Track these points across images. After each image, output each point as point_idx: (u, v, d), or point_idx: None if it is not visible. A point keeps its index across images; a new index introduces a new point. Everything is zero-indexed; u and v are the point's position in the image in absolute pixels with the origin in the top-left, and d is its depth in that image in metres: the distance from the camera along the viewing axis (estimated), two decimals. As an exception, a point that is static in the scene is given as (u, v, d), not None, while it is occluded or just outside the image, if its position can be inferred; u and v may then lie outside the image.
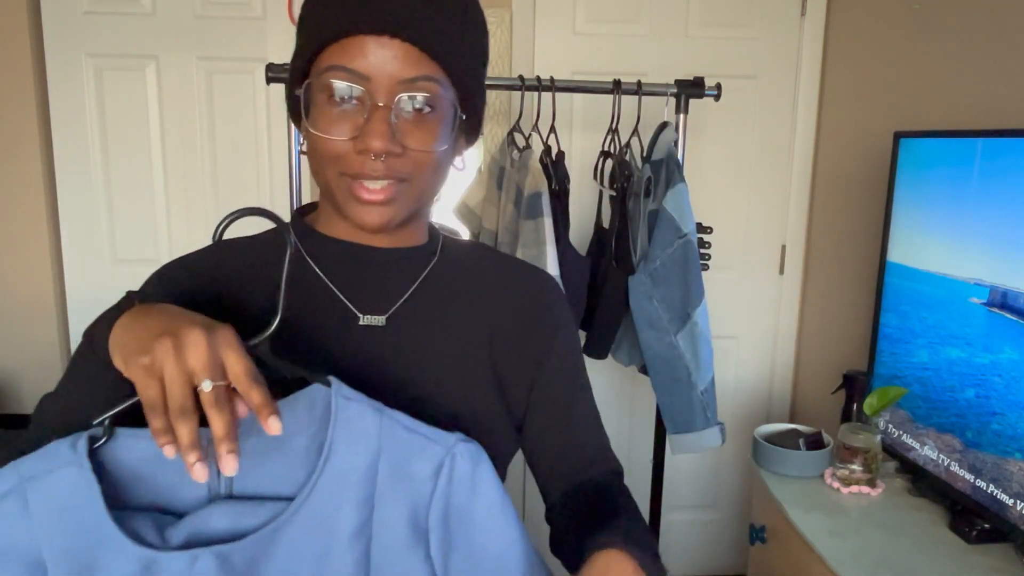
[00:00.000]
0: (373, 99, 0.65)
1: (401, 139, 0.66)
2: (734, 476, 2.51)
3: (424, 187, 0.70)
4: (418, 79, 0.66)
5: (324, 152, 0.67)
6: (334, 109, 0.66)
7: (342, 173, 0.67)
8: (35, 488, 0.54)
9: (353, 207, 0.68)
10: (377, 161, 0.65)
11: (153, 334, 0.54)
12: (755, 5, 2.24)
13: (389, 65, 0.65)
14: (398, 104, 0.65)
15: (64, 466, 0.54)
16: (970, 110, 1.71)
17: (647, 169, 1.70)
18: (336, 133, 0.66)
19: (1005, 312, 1.36)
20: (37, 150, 2.11)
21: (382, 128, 0.64)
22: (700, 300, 1.67)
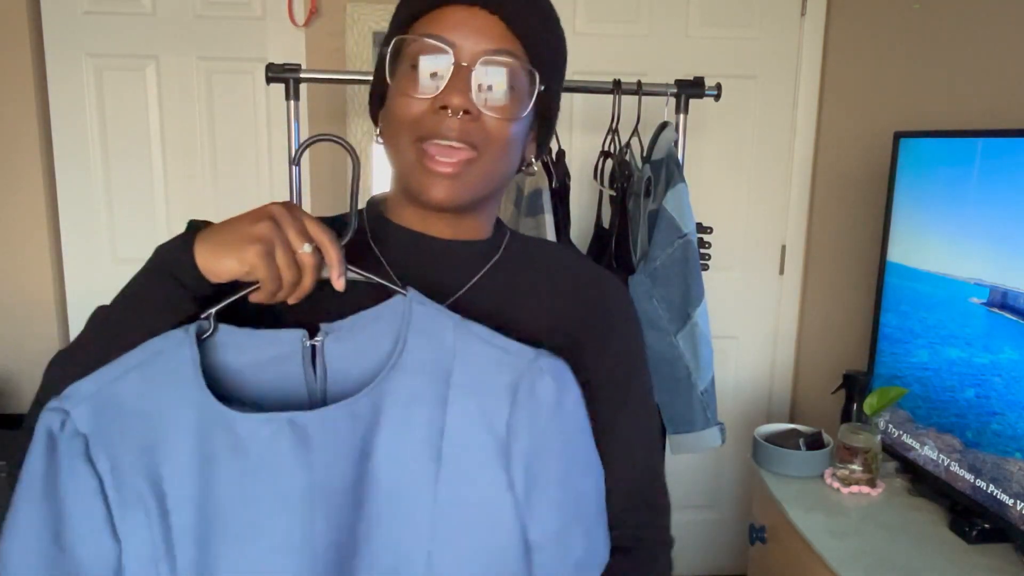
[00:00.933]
0: (457, 61, 0.68)
1: (478, 103, 0.68)
2: (734, 476, 2.51)
3: (491, 166, 0.71)
4: (501, 51, 0.69)
5: (402, 115, 0.69)
6: (417, 75, 0.69)
7: (417, 138, 0.69)
8: (154, 366, 0.62)
9: (422, 178, 0.69)
10: (453, 119, 0.67)
11: (247, 228, 0.61)
12: (755, 5, 2.24)
13: (475, 35, 0.68)
14: (480, 71, 0.68)
15: (176, 346, 0.62)
16: (970, 110, 1.71)
17: (647, 169, 1.69)
18: (418, 94, 0.69)
19: (1005, 312, 1.36)
20: (37, 150, 2.11)
21: (462, 85, 0.67)
22: (700, 300, 1.67)
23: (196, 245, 0.63)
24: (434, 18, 0.69)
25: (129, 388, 0.62)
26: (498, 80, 0.69)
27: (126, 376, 0.62)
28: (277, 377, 0.65)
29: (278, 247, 0.61)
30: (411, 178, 0.71)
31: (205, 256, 0.62)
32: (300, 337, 0.64)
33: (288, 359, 0.65)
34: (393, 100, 0.71)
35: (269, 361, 0.65)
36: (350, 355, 0.66)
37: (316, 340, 0.65)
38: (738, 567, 2.53)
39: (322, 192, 2.23)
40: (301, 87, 1.72)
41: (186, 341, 0.62)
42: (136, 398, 0.62)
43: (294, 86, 1.62)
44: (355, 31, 2.14)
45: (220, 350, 0.64)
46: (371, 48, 2.16)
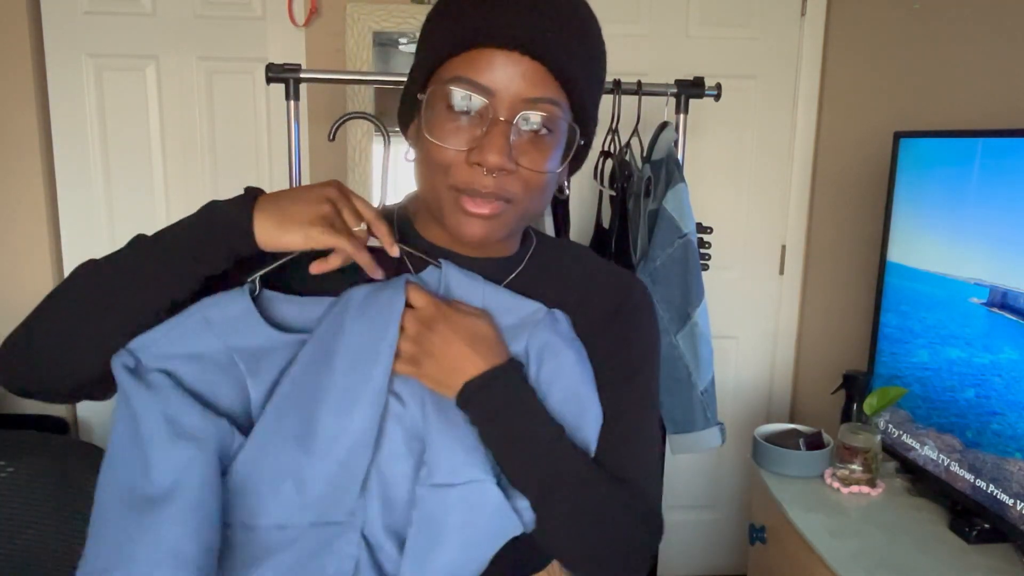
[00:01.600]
0: (495, 113, 0.65)
1: (516, 157, 0.66)
2: (734, 476, 2.51)
3: (528, 209, 0.71)
4: (542, 100, 0.66)
5: (436, 161, 0.68)
6: (453, 119, 0.66)
7: (451, 186, 0.68)
8: (212, 311, 0.69)
9: (457, 218, 0.69)
10: (488, 177, 0.66)
11: (312, 207, 0.66)
12: (755, 5, 2.24)
13: (516, 82, 0.65)
14: (519, 122, 0.66)
15: (231, 298, 0.69)
16: (970, 110, 1.71)
17: (647, 169, 1.70)
18: (452, 143, 0.66)
19: (1005, 312, 1.36)
20: (37, 150, 2.11)
21: (500, 143, 0.65)
22: (700, 300, 1.67)
23: (256, 214, 0.66)
24: (472, 60, 0.65)
25: (191, 335, 0.68)
26: (536, 129, 0.67)
27: (185, 323, 0.68)
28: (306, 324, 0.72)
29: (340, 221, 0.67)
30: (446, 217, 0.70)
31: (266, 227, 0.66)
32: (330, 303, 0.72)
33: None
34: (427, 142, 0.68)
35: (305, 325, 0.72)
36: None
37: None
38: (738, 567, 2.53)
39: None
40: (301, 87, 1.72)
41: (241, 295, 0.69)
42: (201, 342, 0.68)
43: (294, 86, 1.62)
44: (355, 31, 2.14)
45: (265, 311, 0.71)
46: (371, 48, 2.16)
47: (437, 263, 0.74)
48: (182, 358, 0.68)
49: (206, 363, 0.68)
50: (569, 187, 0.82)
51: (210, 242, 0.67)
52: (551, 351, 0.75)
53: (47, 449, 1.29)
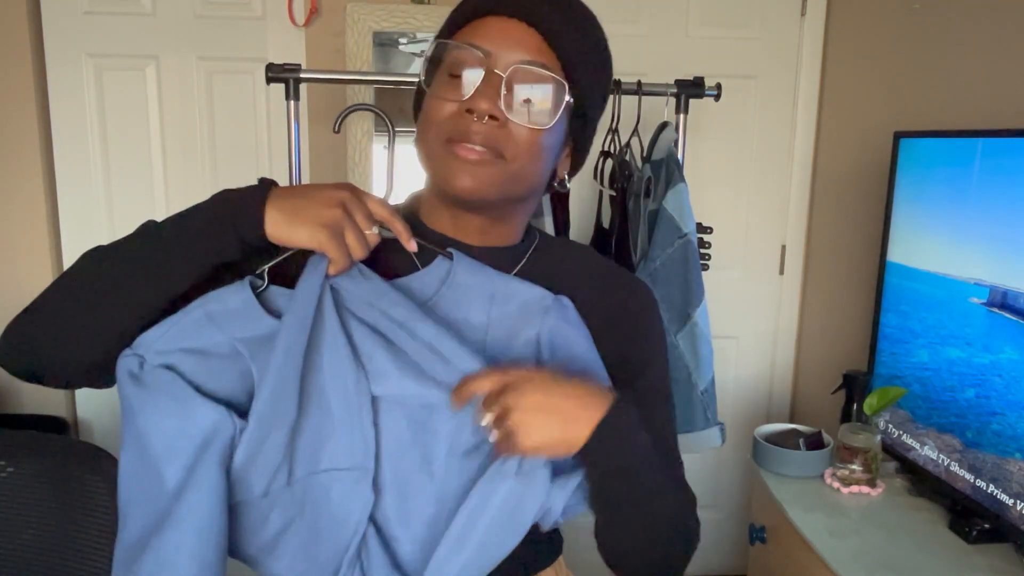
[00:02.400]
0: (489, 68, 0.69)
1: (506, 111, 0.70)
2: (734, 476, 2.51)
3: (519, 170, 0.72)
4: (535, 62, 0.70)
5: (433, 117, 0.72)
6: (453, 80, 0.71)
7: (445, 139, 0.71)
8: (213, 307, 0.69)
9: (449, 167, 0.71)
10: (479, 123, 0.69)
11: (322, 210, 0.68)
12: (755, 5, 2.24)
13: (511, 45, 0.70)
14: (511, 80, 0.70)
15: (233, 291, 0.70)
16: (970, 110, 1.71)
17: (647, 169, 1.70)
18: (450, 95, 0.71)
19: (1005, 312, 1.36)
20: (37, 150, 2.11)
21: (490, 91, 0.69)
22: (700, 300, 1.67)
23: (268, 207, 0.67)
24: (475, 28, 0.72)
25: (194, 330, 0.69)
26: (528, 89, 0.70)
27: (186, 318, 0.69)
28: None
29: (348, 230, 0.68)
30: (439, 170, 0.72)
31: (276, 221, 0.67)
32: None
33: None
34: (427, 102, 0.73)
35: None
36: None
37: None
38: (738, 567, 2.53)
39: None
40: (301, 87, 1.72)
41: (242, 288, 0.70)
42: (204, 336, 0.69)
43: (294, 86, 1.62)
44: (355, 31, 2.14)
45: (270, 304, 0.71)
46: (371, 48, 2.16)
47: (448, 253, 0.76)
48: (184, 352, 0.68)
49: (210, 356, 0.69)
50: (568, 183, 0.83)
51: (220, 229, 0.68)
52: (563, 338, 0.76)
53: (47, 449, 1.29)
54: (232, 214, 0.68)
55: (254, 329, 0.70)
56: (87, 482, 1.24)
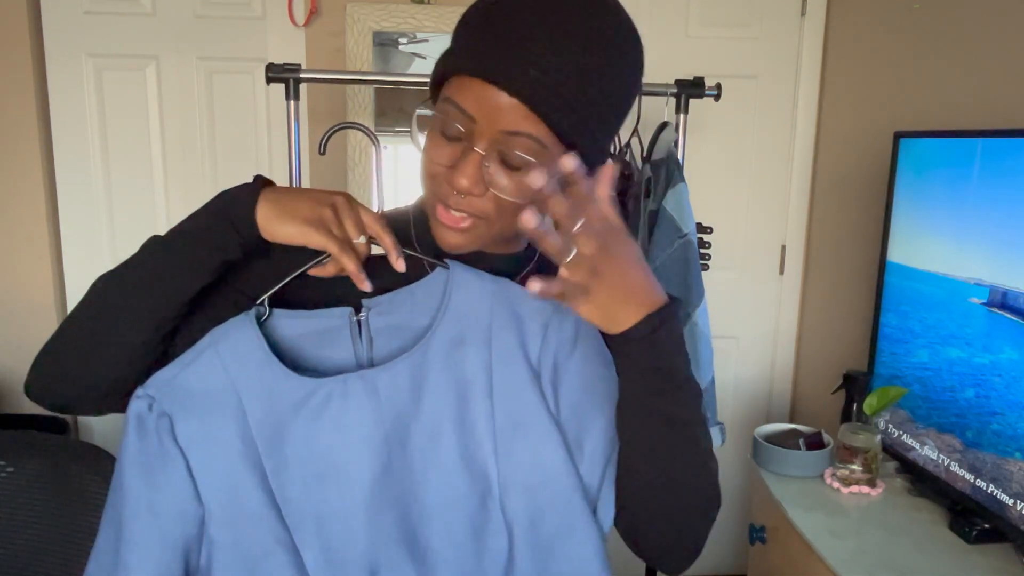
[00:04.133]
0: (472, 141, 0.67)
1: (489, 182, 0.68)
2: (734, 476, 2.51)
3: (503, 229, 0.72)
4: (520, 134, 0.66)
5: (424, 169, 0.72)
6: (442, 136, 0.69)
7: (433, 194, 0.72)
8: (224, 344, 0.70)
9: (435, 225, 0.73)
10: (459, 196, 0.69)
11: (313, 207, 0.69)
12: (755, 5, 2.24)
13: (495, 114, 0.65)
14: (492, 152, 0.67)
15: (240, 327, 0.71)
16: (970, 110, 1.71)
17: (647, 169, 1.70)
18: (436, 158, 0.70)
19: (1005, 312, 1.36)
20: (37, 150, 2.11)
21: (470, 171, 0.67)
22: (700, 300, 1.67)
23: (260, 202, 0.69)
24: (466, 86, 0.66)
25: (203, 370, 0.70)
26: (511, 162, 0.67)
27: (199, 359, 0.70)
28: (329, 351, 0.73)
29: (337, 228, 0.70)
30: (429, 215, 0.73)
31: (268, 216, 0.69)
32: (347, 313, 0.73)
33: (338, 333, 0.73)
34: (424, 149, 0.72)
35: (320, 336, 0.73)
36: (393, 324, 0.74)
37: (360, 316, 0.74)
38: (738, 567, 2.53)
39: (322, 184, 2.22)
40: (301, 87, 1.72)
41: (248, 323, 0.71)
42: (211, 378, 0.70)
43: (294, 86, 1.62)
44: (355, 31, 2.14)
45: (276, 331, 0.73)
46: (371, 48, 2.16)
47: (444, 263, 0.75)
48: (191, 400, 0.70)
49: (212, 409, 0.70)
50: None
51: (218, 225, 0.70)
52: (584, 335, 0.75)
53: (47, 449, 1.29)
54: (227, 209, 0.70)
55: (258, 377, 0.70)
56: (87, 482, 1.24)
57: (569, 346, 0.75)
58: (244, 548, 0.69)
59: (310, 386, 0.70)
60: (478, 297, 0.74)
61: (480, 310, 0.74)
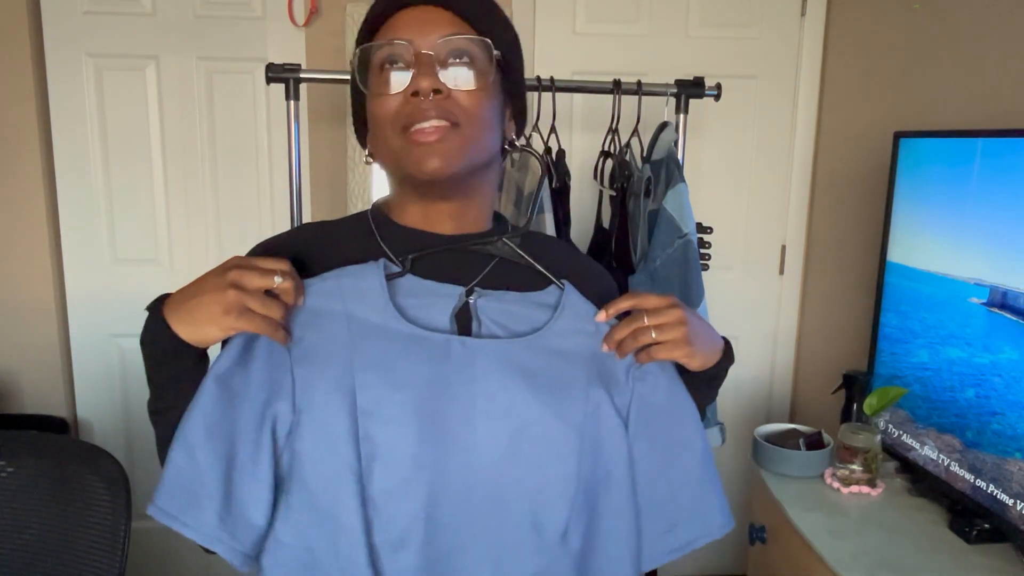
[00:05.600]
0: (417, 50, 0.73)
1: (446, 81, 0.74)
2: (734, 476, 2.51)
3: (474, 134, 0.75)
4: (456, 35, 0.75)
5: (383, 114, 0.75)
6: (387, 75, 0.75)
7: (401, 129, 0.74)
8: (347, 278, 0.75)
9: (412, 154, 0.74)
10: (427, 100, 0.72)
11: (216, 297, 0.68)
12: (755, 5, 2.24)
13: (428, 26, 0.74)
14: (440, 53, 0.74)
15: (368, 270, 0.76)
16: (970, 110, 1.71)
17: (647, 169, 1.70)
18: (391, 90, 0.75)
19: (1005, 312, 1.36)
20: (37, 150, 2.11)
21: (427, 70, 0.73)
22: (700, 300, 1.67)
23: (171, 322, 0.69)
24: (390, 26, 0.76)
25: (322, 295, 0.74)
26: (458, 57, 0.75)
27: (321, 283, 0.74)
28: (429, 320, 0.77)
29: (250, 301, 0.68)
30: (403, 163, 0.75)
31: (185, 331, 0.69)
32: (460, 293, 0.78)
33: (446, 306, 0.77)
34: (372, 104, 0.77)
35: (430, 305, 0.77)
36: (501, 316, 0.78)
37: (471, 299, 0.78)
38: (738, 567, 2.53)
39: (322, 193, 2.23)
40: (301, 87, 1.72)
41: (378, 271, 0.75)
42: (328, 302, 0.74)
43: (294, 86, 1.62)
44: (355, 31, 2.14)
45: (397, 287, 0.76)
46: (371, 48, 2.16)
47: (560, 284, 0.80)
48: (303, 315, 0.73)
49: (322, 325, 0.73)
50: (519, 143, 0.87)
51: (162, 356, 0.71)
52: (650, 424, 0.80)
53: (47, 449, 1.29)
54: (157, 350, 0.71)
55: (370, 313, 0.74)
56: (87, 482, 1.24)
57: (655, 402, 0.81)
58: (320, 470, 0.70)
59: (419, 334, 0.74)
60: (585, 322, 0.79)
61: (586, 332, 0.79)
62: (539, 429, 0.74)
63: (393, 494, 0.71)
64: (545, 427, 0.74)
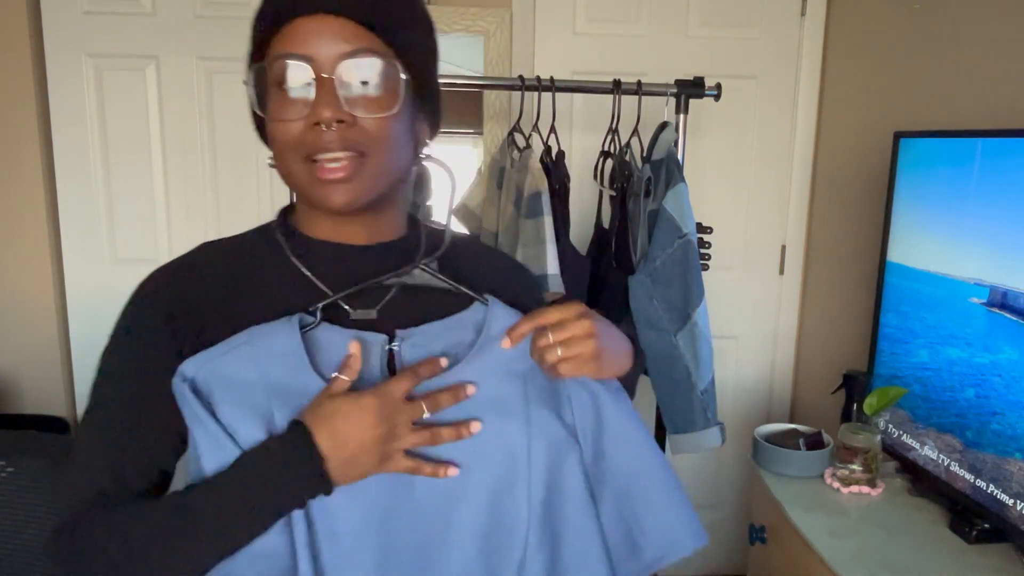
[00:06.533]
0: (317, 73, 0.67)
1: (351, 110, 0.68)
2: (734, 476, 2.51)
3: (383, 162, 0.71)
4: (359, 51, 0.67)
5: (283, 140, 0.70)
6: (286, 96, 0.68)
7: (304, 158, 0.69)
8: (260, 341, 0.69)
9: (318, 190, 0.69)
10: (330, 131, 0.67)
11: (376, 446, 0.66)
12: (755, 5, 2.24)
13: (329, 42, 0.67)
14: (343, 77, 0.67)
15: (281, 328, 0.70)
16: (970, 110, 1.71)
17: (647, 169, 1.70)
18: (291, 115, 0.68)
19: (1005, 312, 1.36)
20: (37, 150, 2.11)
21: (329, 98, 0.66)
22: (700, 300, 1.67)
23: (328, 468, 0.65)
24: (284, 35, 0.68)
25: (238, 363, 0.68)
26: (363, 80, 0.68)
27: (235, 351, 0.68)
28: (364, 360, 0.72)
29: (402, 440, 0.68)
30: (310, 193, 0.71)
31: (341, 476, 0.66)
32: (382, 341, 0.73)
33: (369, 357, 0.72)
34: (271, 127, 0.71)
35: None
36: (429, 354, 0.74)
37: (394, 344, 0.74)
38: (738, 567, 2.53)
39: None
40: (301, 87, 1.71)
41: (292, 329, 0.70)
42: (243, 371, 0.68)
43: (294, 86, 1.62)
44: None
45: (314, 342, 0.71)
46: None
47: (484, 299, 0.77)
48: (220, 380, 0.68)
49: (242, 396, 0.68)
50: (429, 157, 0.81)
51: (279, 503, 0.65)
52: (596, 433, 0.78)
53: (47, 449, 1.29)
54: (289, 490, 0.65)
55: (290, 378, 0.69)
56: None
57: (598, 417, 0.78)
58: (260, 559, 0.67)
59: None
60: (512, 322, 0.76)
61: (516, 349, 0.75)
62: (482, 464, 0.71)
63: (341, 567, 0.67)
64: (487, 461, 0.71)
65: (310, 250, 0.77)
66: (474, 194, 1.91)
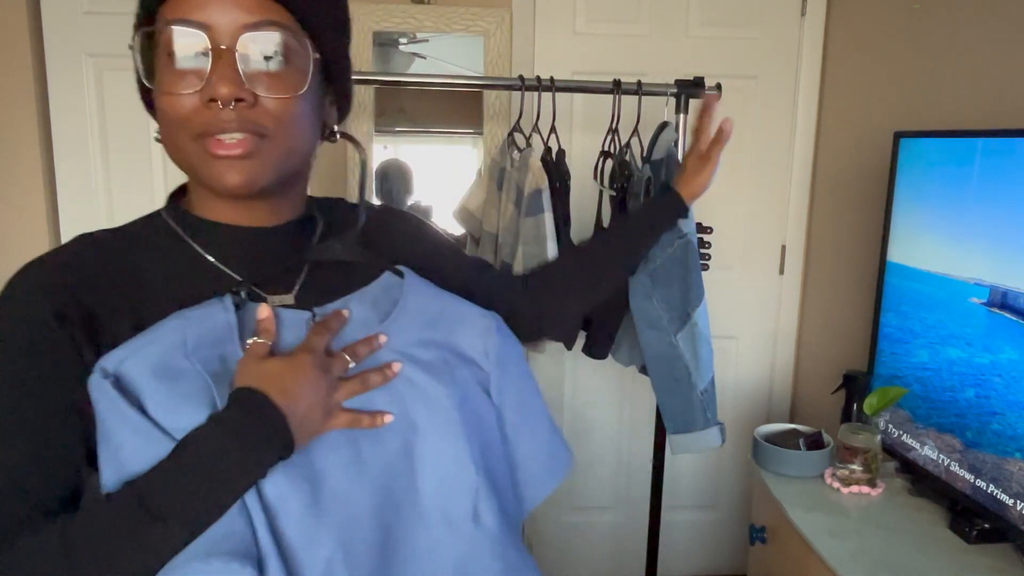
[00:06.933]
0: (216, 44, 0.60)
1: (253, 88, 0.61)
2: (734, 476, 2.51)
3: (287, 144, 0.65)
4: (263, 23, 0.61)
5: (173, 115, 0.62)
6: (178, 67, 0.61)
7: (195, 136, 0.62)
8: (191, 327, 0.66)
9: (212, 167, 0.63)
10: (227, 110, 0.60)
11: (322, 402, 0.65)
12: (755, 5, 2.24)
13: (230, 9, 0.60)
14: (244, 50, 0.61)
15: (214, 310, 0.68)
16: (970, 110, 1.71)
17: (647, 169, 1.69)
18: (183, 88, 0.61)
19: (1005, 312, 1.36)
20: (37, 150, 2.11)
21: (228, 72, 0.60)
22: (700, 300, 1.67)
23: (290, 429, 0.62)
24: (180, 1, 0.61)
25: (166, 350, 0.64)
26: (266, 55, 0.62)
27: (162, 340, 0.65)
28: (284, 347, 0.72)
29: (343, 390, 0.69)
30: (201, 172, 0.64)
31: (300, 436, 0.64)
32: (306, 319, 0.73)
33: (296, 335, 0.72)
34: (159, 100, 0.63)
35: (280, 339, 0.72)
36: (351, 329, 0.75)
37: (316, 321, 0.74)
38: (738, 567, 2.53)
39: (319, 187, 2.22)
40: (301, 87, 1.71)
41: (223, 308, 0.68)
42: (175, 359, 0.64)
43: (294, 86, 1.61)
44: (355, 31, 2.13)
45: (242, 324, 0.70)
46: (371, 48, 2.16)
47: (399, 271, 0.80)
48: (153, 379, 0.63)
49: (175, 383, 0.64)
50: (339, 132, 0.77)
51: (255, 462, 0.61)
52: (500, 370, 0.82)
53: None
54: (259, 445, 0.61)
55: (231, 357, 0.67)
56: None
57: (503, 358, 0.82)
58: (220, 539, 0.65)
59: None
60: (430, 303, 0.79)
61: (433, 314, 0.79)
62: (427, 423, 0.73)
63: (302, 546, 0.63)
64: (431, 419, 0.73)
65: (214, 235, 0.71)
66: (475, 196, 1.91)
